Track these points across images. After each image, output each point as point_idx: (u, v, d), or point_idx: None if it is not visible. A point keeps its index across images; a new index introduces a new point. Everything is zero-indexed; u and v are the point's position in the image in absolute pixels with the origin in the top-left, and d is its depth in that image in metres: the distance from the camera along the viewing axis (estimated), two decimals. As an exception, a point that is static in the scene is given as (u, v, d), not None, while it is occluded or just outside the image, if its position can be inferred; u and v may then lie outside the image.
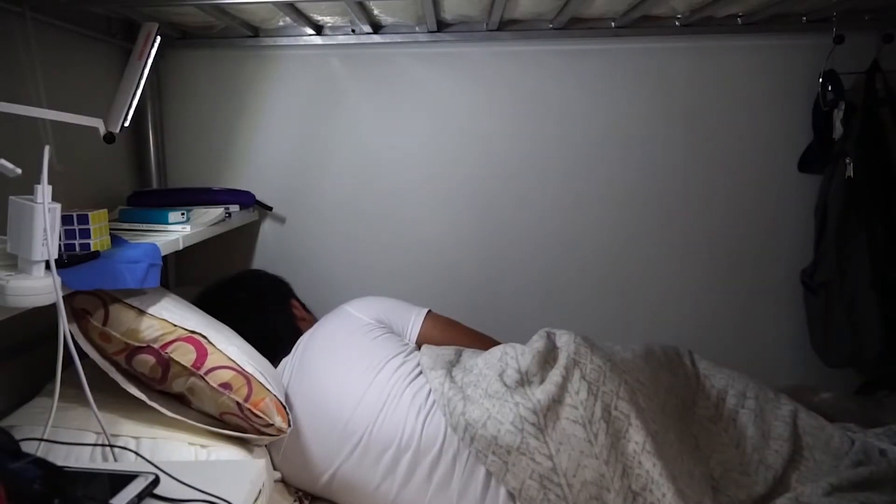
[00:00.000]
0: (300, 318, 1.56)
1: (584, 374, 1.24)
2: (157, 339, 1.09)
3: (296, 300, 1.63)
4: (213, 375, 1.10)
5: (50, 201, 0.84)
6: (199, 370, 1.09)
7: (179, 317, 1.15)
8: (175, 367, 1.09)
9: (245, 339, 1.27)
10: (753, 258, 1.78)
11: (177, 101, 1.75)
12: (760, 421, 1.31)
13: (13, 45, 1.21)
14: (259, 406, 1.11)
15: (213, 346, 1.13)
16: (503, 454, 1.15)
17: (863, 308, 1.57)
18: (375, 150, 1.77)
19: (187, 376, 1.10)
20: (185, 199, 1.53)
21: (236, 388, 1.10)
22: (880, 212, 1.59)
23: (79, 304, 1.08)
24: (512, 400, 1.20)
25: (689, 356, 1.43)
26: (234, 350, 1.16)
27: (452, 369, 1.31)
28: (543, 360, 1.29)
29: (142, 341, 1.08)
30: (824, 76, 1.63)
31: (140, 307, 1.11)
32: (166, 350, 1.09)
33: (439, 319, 1.51)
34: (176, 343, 1.10)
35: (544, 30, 1.70)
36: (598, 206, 1.77)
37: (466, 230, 1.79)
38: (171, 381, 1.11)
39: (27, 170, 0.86)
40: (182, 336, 1.11)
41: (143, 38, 1.15)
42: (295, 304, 1.60)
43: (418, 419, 1.21)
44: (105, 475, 0.79)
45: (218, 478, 0.81)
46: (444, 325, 1.50)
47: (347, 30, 1.70)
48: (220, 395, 1.09)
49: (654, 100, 1.73)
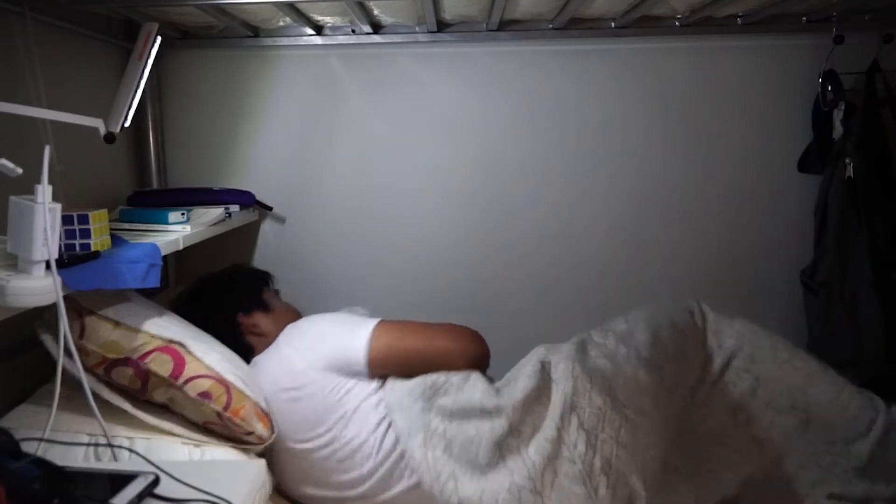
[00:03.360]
0: (252, 334, 1.41)
1: (581, 422, 1.16)
2: (134, 350, 1.07)
3: (254, 311, 1.44)
4: (191, 385, 1.08)
5: (50, 201, 0.85)
6: (178, 380, 1.08)
7: (157, 326, 1.13)
8: (154, 377, 1.08)
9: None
10: (753, 258, 1.78)
11: (177, 101, 1.75)
12: (762, 389, 1.23)
13: (13, 45, 1.21)
14: (239, 414, 1.10)
15: (192, 354, 1.12)
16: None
17: (863, 308, 1.57)
18: (375, 150, 1.77)
19: (167, 387, 1.08)
20: (185, 199, 1.53)
21: (216, 396, 1.09)
22: (880, 212, 1.59)
23: (54, 318, 1.05)
24: (506, 468, 1.15)
25: (701, 315, 1.33)
26: (213, 357, 1.14)
27: (431, 422, 1.21)
28: (535, 398, 1.22)
29: (119, 353, 1.07)
30: (824, 76, 1.63)
31: (116, 318, 1.09)
32: (144, 361, 1.07)
33: (388, 331, 1.31)
34: (154, 353, 1.08)
35: (544, 30, 1.70)
36: (598, 205, 1.77)
37: (466, 229, 1.79)
38: (151, 391, 1.09)
39: (27, 170, 0.86)
40: (159, 346, 1.10)
41: (143, 38, 1.15)
42: (243, 319, 1.41)
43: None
44: (105, 475, 0.79)
45: (217, 478, 0.81)
46: (396, 336, 1.31)
47: (347, 30, 1.70)
48: (200, 404, 1.08)
49: (654, 100, 1.73)
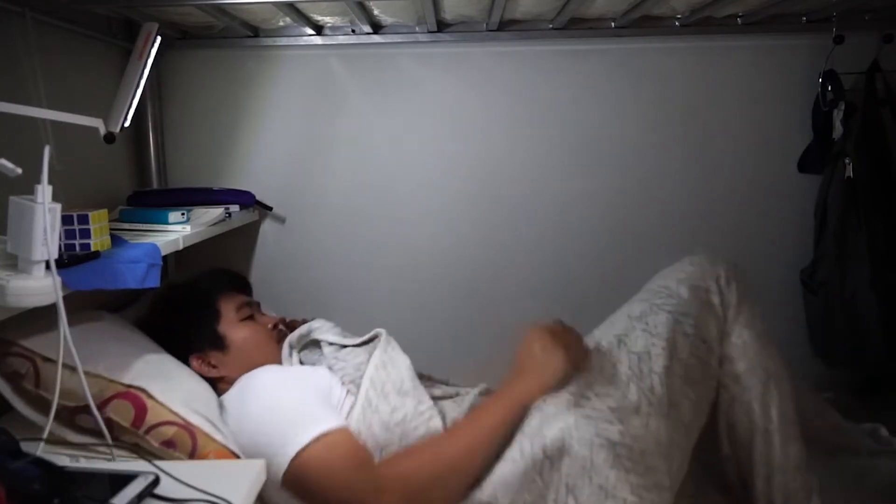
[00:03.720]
0: (210, 375, 1.27)
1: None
2: (93, 398, 0.99)
3: (208, 350, 1.27)
4: (154, 433, 1.02)
5: (50, 201, 0.84)
6: (140, 429, 1.02)
7: (116, 367, 1.06)
8: (116, 426, 1.02)
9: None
10: (753, 258, 1.77)
11: (177, 101, 1.75)
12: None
13: (13, 45, 1.21)
14: (207, 458, 1.03)
15: (154, 399, 1.05)
16: None
17: (863, 308, 1.57)
18: (376, 150, 1.77)
19: (130, 434, 1.03)
20: (185, 199, 1.53)
21: (180, 444, 1.03)
22: (880, 212, 1.59)
23: (9, 367, 1.02)
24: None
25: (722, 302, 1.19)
26: (178, 397, 1.07)
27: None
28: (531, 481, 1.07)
29: (78, 401, 1.00)
30: (824, 76, 1.63)
31: (72, 364, 0.97)
32: (104, 409, 1.01)
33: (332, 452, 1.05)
34: (114, 401, 1.02)
35: (544, 30, 1.69)
36: (598, 205, 1.77)
37: (466, 228, 1.79)
38: (118, 436, 1.03)
39: (27, 170, 0.86)
40: (119, 392, 1.04)
41: (143, 38, 1.15)
42: (196, 361, 1.26)
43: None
44: (105, 475, 0.79)
45: (217, 478, 0.81)
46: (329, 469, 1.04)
47: (347, 30, 1.70)
48: (164, 452, 1.03)
49: (654, 100, 1.73)
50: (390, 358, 1.27)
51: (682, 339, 1.15)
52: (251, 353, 1.29)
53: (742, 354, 1.17)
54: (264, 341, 1.33)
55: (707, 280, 1.21)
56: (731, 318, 1.19)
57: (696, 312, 1.18)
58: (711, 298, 1.19)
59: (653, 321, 1.18)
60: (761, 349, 1.18)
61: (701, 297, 1.19)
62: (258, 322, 1.36)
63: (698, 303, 1.19)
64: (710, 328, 1.18)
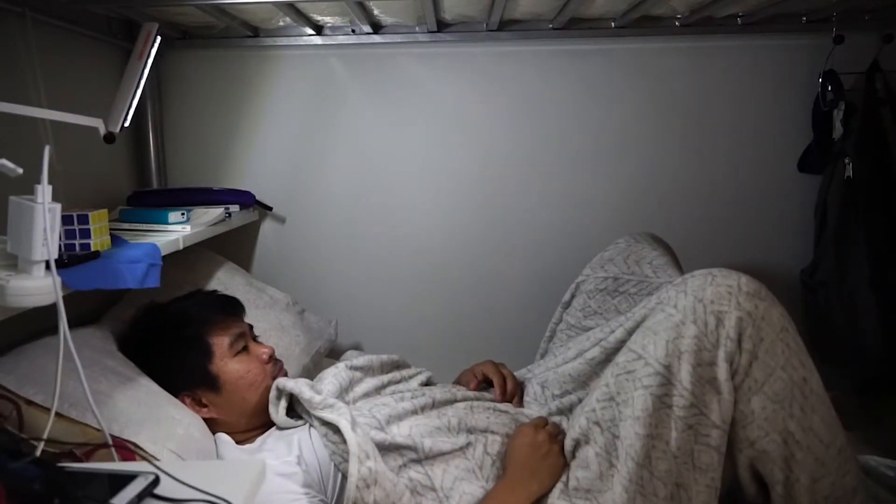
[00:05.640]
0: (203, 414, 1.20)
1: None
2: (78, 447, 0.97)
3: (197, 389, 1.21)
4: None
5: (50, 201, 0.84)
6: None
7: (105, 415, 1.01)
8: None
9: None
10: (753, 258, 1.78)
11: (177, 101, 1.75)
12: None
13: (13, 45, 1.21)
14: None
15: (142, 451, 1.02)
16: None
17: (862, 308, 1.57)
18: (376, 151, 1.77)
19: None
20: (185, 199, 1.53)
21: None
22: (880, 212, 1.58)
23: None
24: None
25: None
26: (168, 448, 1.04)
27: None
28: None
29: (63, 448, 0.97)
30: (824, 76, 1.63)
31: (57, 409, 0.93)
32: (90, 459, 0.98)
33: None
34: (100, 452, 0.98)
35: (544, 30, 1.69)
36: (598, 205, 1.77)
37: (466, 228, 1.79)
38: None
39: (27, 170, 0.85)
40: (107, 443, 0.96)
41: (143, 38, 1.15)
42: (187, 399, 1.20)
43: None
44: (105, 475, 0.78)
45: (218, 478, 0.81)
46: None
47: (347, 30, 1.70)
48: None
49: (654, 100, 1.73)
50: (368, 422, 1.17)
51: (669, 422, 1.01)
52: (245, 392, 1.22)
53: (751, 422, 1.02)
54: (259, 378, 1.24)
55: (708, 344, 1.01)
56: (738, 383, 1.01)
57: (691, 391, 1.00)
58: (717, 374, 1.00)
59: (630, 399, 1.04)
60: (777, 411, 1.01)
61: (701, 374, 1.01)
62: (252, 354, 1.26)
63: (695, 382, 1.00)
64: (710, 406, 1.01)
